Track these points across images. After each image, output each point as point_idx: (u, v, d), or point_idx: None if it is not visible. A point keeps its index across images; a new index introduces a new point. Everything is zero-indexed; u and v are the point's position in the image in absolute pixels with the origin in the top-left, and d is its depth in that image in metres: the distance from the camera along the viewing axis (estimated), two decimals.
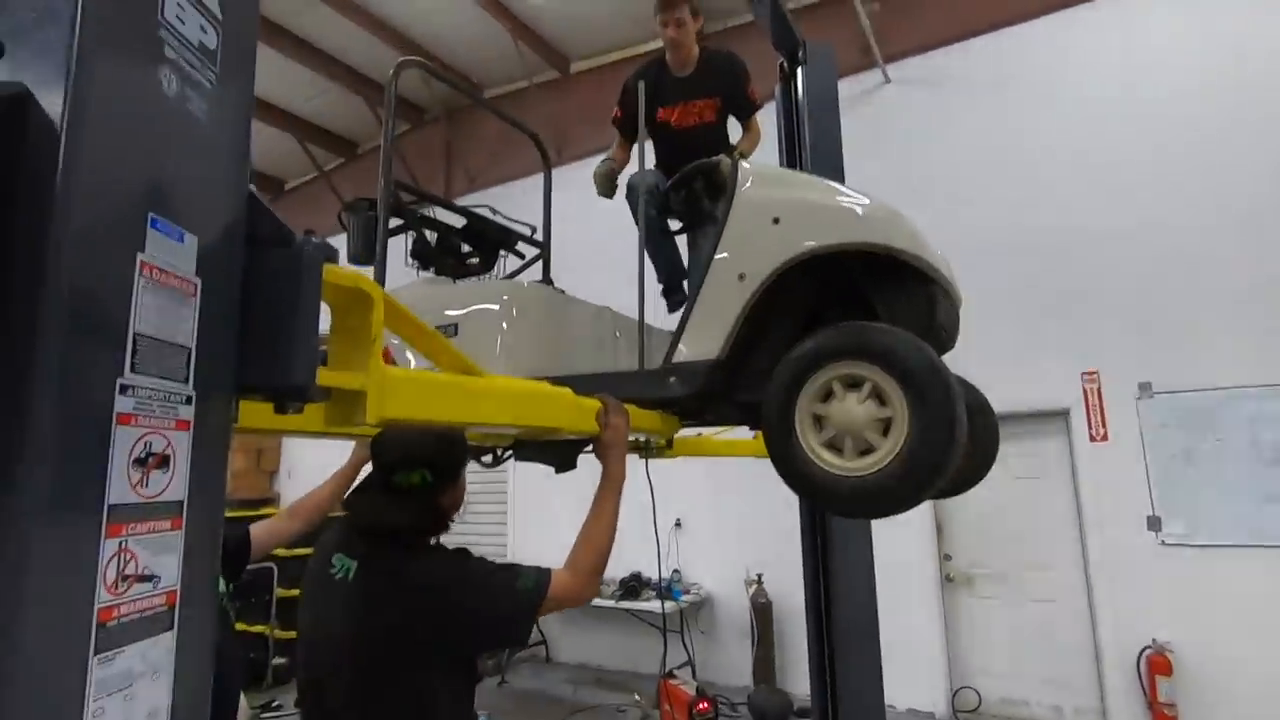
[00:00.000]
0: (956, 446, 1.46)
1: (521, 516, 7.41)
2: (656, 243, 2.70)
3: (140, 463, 0.73)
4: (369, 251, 2.68)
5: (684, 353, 1.82)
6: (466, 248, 3.12)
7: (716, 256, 1.80)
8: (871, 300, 1.83)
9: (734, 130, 3.12)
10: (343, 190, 8.78)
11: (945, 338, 1.90)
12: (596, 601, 6.21)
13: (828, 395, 1.61)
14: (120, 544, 0.70)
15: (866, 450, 1.55)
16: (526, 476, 6.55)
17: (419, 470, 1.57)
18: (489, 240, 3.11)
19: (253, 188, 0.98)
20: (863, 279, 1.83)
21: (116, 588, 0.69)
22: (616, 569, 6.40)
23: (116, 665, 0.69)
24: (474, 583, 1.50)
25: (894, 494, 1.49)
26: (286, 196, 10.27)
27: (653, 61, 2.90)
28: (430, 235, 3.01)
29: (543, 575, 1.52)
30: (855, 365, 1.56)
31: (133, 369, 0.72)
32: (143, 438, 0.73)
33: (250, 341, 0.91)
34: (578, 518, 1.62)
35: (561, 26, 7.25)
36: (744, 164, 1.88)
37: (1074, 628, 5.05)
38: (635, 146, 2.89)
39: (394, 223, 2.85)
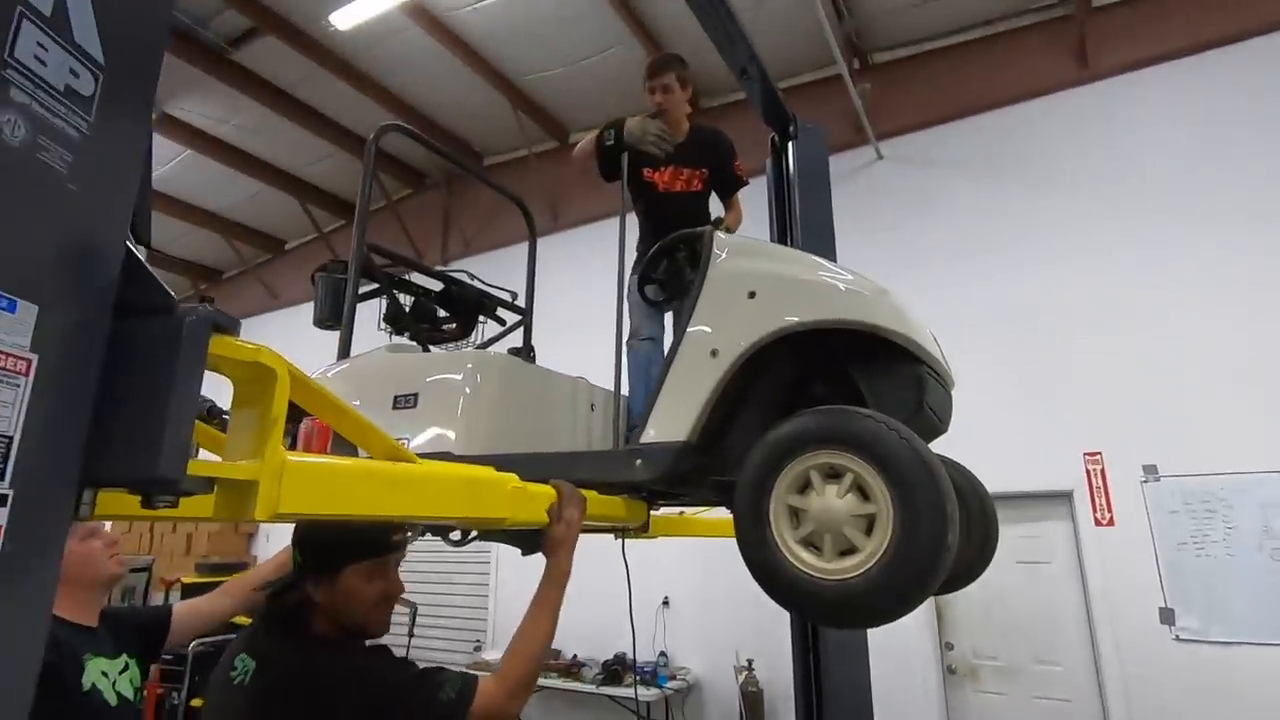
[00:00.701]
0: (948, 549, 1.31)
1: (505, 587, 7.08)
2: (637, 359, 2.51)
3: None
4: (336, 315, 2.58)
5: (652, 434, 1.68)
6: (443, 313, 3.02)
7: (688, 331, 1.69)
8: (856, 382, 1.70)
9: (715, 208, 3.06)
10: (340, 250, 8.82)
11: (936, 422, 1.77)
12: (577, 686, 5.84)
13: (805, 486, 1.46)
14: None
15: (848, 550, 1.39)
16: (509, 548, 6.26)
17: (297, 548, 1.41)
18: (467, 305, 3.01)
19: (135, 248, 0.86)
20: (846, 359, 1.71)
21: None
22: (599, 650, 6.05)
23: None
24: (385, 689, 1.31)
25: (878, 603, 1.32)
26: (286, 256, 10.33)
27: (648, 115, 2.87)
28: (407, 300, 2.92)
29: (468, 686, 1.33)
30: (835, 454, 1.42)
31: None
32: None
33: (106, 427, 0.77)
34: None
35: (560, 98, 7.41)
36: (719, 234, 1.79)
37: None
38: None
39: (369, 286, 2.78)
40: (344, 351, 2.40)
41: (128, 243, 0.84)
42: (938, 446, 2.24)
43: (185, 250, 10.41)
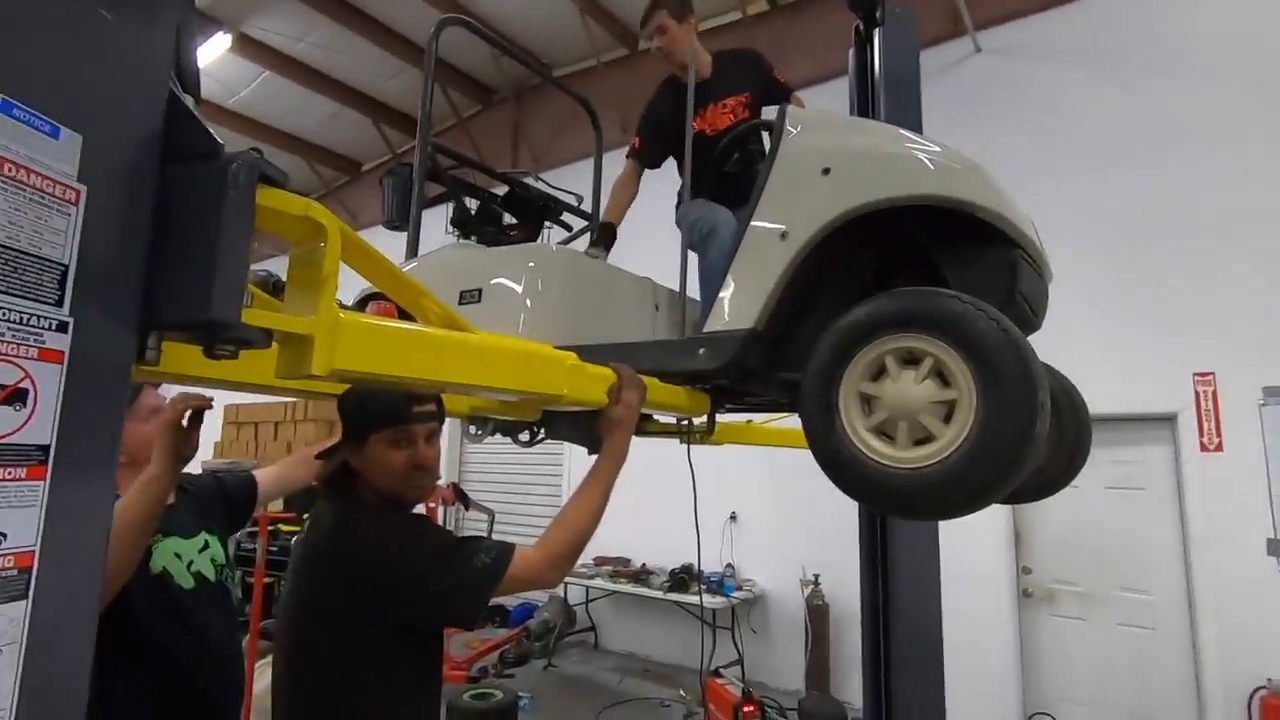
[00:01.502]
0: (1036, 439, 1.20)
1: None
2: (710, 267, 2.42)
3: None
4: (403, 216, 2.60)
5: (718, 321, 1.61)
6: (509, 218, 3.00)
7: (756, 213, 1.58)
8: (940, 266, 1.57)
9: None
10: None
11: (1029, 313, 1.62)
12: (645, 591, 6.07)
13: (879, 373, 1.37)
14: None
15: (924, 439, 1.31)
16: (581, 454, 6.47)
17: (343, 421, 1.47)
18: (531, 209, 2.97)
19: (183, 96, 0.84)
20: (930, 242, 1.57)
21: None
22: (668, 559, 6.24)
23: None
24: (419, 554, 1.34)
25: (955, 493, 1.24)
26: (363, 178, 10.55)
27: (664, 83, 2.64)
28: (472, 204, 2.90)
29: (504, 554, 1.35)
30: (914, 337, 1.32)
31: None
32: None
33: (164, 269, 0.78)
34: (634, 497, 1.47)
35: (630, 2, 7.05)
36: (792, 109, 1.65)
37: (1173, 659, 4.52)
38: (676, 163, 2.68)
39: (437, 191, 2.77)
40: (411, 251, 2.42)
41: (172, 86, 0.82)
42: None
43: None
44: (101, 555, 0.72)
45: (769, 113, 2.80)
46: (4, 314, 0.62)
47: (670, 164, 2.76)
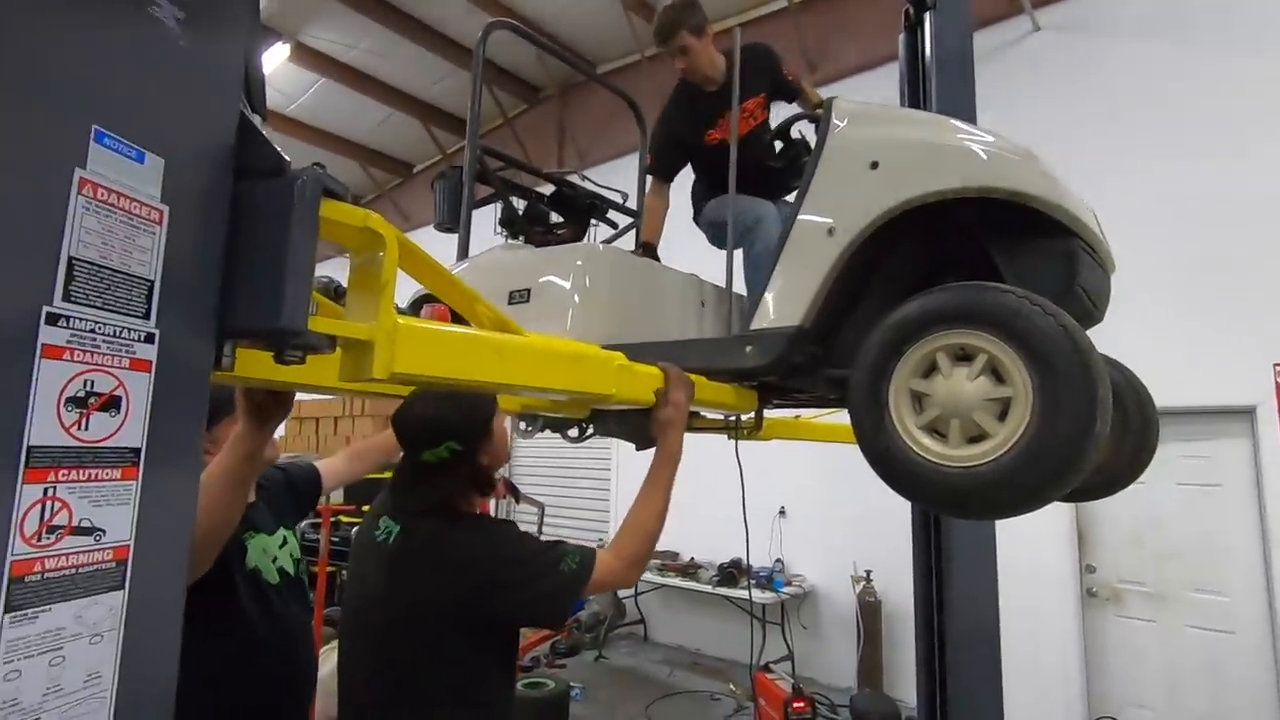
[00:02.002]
0: (1096, 437, 1.17)
1: (627, 489, 7.41)
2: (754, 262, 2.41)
3: (77, 402, 0.66)
4: (454, 218, 2.67)
5: (764, 319, 1.61)
6: (556, 216, 3.04)
7: (802, 209, 1.57)
8: (995, 260, 1.53)
9: None
10: None
11: (1090, 306, 1.56)
12: (694, 585, 6.09)
13: (931, 370, 1.35)
14: (45, 491, 0.63)
15: (977, 437, 1.28)
16: (629, 449, 6.53)
17: (445, 443, 1.50)
18: (578, 208, 3.01)
19: (251, 114, 0.89)
20: (985, 236, 1.53)
21: (39, 539, 0.62)
22: (716, 554, 6.23)
23: (38, 625, 0.62)
24: (516, 559, 1.43)
25: (1009, 493, 1.21)
26: (414, 179, 10.81)
27: (678, 92, 2.57)
28: (519, 204, 2.95)
29: (587, 557, 1.43)
30: (967, 333, 1.29)
31: (66, 297, 0.65)
32: (81, 375, 0.66)
33: (237, 281, 0.83)
34: (682, 490, 1.52)
35: None
36: (839, 101, 1.63)
37: (1251, 664, 4.29)
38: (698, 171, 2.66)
39: (484, 192, 2.83)
40: (462, 253, 2.48)
41: (241, 108, 0.87)
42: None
43: None
44: (186, 545, 0.78)
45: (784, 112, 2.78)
46: (101, 328, 0.67)
47: (686, 171, 2.74)
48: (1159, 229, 4.66)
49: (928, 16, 3.01)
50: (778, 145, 2.35)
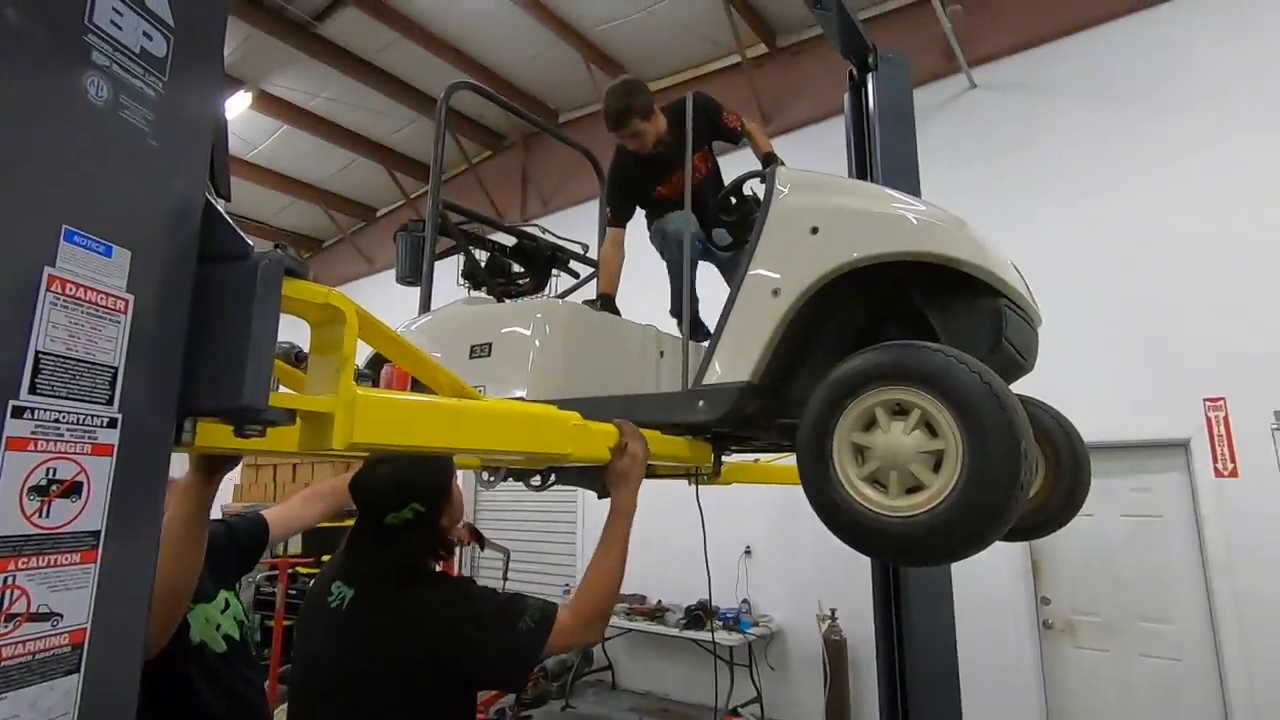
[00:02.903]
0: (1020, 488, 1.25)
1: (592, 534, 7.35)
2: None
3: (39, 490, 0.68)
4: (416, 272, 2.71)
5: (715, 374, 1.68)
6: (518, 268, 3.10)
7: (749, 271, 1.66)
8: (929, 317, 1.63)
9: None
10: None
11: (1018, 359, 1.68)
12: (661, 629, 6.04)
13: (871, 424, 1.43)
14: (4, 580, 0.65)
15: (915, 488, 1.36)
16: (593, 494, 6.50)
17: (408, 507, 1.50)
18: (539, 259, 3.08)
19: (215, 200, 0.94)
20: (919, 295, 1.64)
21: None
22: (682, 597, 6.21)
23: None
24: (475, 617, 1.42)
25: (945, 541, 1.29)
26: (378, 223, 10.81)
27: (619, 156, 2.72)
28: (482, 256, 3.01)
29: (548, 613, 1.43)
30: (902, 389, 1.38)
31: (32, 390, 0.67)
32: (44, 464, 0.68)
33: (199, 361, 0.86)
34: (648, 533, 1.54)
35: (631, 47, 7.28)
36: (781, 169, 1.74)
37: (1198, 689, 4.42)
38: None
39: (447, 244, 2.88)
40: (424, 306, 2.52)
41: (207, 194, 0.92)
42: (1038, 392, 2.14)
43: (287, 221, 11.09)
44: (143, 623, 0.79)
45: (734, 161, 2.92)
46: (65, 417, 0.70)
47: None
48: (1093, 273, 4.94)
49: (870, 77, 3.22)
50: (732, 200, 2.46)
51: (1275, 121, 4.54)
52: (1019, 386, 1.72)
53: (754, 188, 2.49)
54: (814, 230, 1.60)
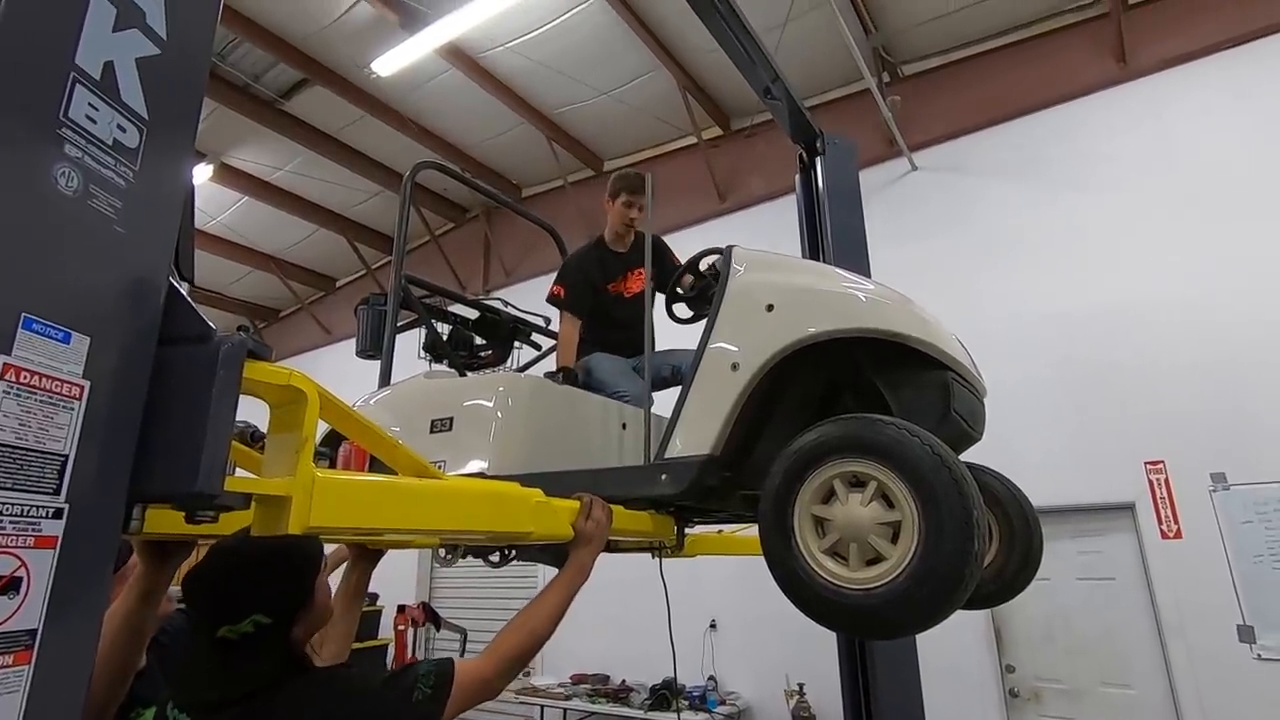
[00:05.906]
0: (974, 556, 1.28)
1: None
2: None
3: None
4: (377, 346, 2.70)
5: (677, 448, 1.70)
6: (480, 340, 3.12)
7: (709, 346, 1.71)
8: (882, 390, 1.70)
9: None
10: (387, 284, 9.11)
11: (967, 429, 1.74)
12: (626, 711, 5.79)
13: (830, 496, 1.46)
14: None
15: (876, 559, 1.38)
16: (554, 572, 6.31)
17: (249, 618, 1.22)
18: (502, 332, 3.11)
19: (178, 283, 0.94)
20: (871, 369, 1.71)
21: None
22: (647, 675, 6.00)
23: None
24: (360, 708, 1.23)
25: (904, 613, 1.30)
26: (337, 293, 10.74)
27: (591, 244, 2.89)
28: (445, 329, 3.02)
29: (443, 676, 1.25)
30: (857, 462, 1.42)
31: None
32: None
33: (153, 445, 0.84)
34: (611, 610, 1.47)
35: (593, 128, 7.59)
36: (737, 249, 1.82)
37: None
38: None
39: (408, 317, 2.89)
40: (385, 380, 2.50)
41: (170, 278, 0.92)
42: (987, 459, 2.21)
43: (245, 291, 10.93)
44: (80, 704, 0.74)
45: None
46: (8, 509, 0.68)
47: None
48: (1034, 344, 5.19)
49: (819, 160, 3.42)
50: (688, 278, 2.54)
51: (1188, 202, 4.94)
52: (969, 455, 1.79)
53: (715, 264, 2.59)
54: (769, 307, 1.66)
